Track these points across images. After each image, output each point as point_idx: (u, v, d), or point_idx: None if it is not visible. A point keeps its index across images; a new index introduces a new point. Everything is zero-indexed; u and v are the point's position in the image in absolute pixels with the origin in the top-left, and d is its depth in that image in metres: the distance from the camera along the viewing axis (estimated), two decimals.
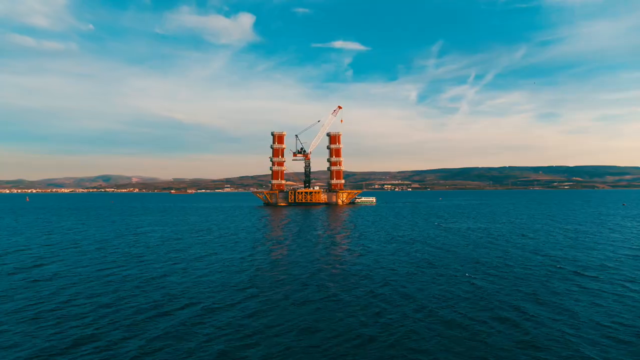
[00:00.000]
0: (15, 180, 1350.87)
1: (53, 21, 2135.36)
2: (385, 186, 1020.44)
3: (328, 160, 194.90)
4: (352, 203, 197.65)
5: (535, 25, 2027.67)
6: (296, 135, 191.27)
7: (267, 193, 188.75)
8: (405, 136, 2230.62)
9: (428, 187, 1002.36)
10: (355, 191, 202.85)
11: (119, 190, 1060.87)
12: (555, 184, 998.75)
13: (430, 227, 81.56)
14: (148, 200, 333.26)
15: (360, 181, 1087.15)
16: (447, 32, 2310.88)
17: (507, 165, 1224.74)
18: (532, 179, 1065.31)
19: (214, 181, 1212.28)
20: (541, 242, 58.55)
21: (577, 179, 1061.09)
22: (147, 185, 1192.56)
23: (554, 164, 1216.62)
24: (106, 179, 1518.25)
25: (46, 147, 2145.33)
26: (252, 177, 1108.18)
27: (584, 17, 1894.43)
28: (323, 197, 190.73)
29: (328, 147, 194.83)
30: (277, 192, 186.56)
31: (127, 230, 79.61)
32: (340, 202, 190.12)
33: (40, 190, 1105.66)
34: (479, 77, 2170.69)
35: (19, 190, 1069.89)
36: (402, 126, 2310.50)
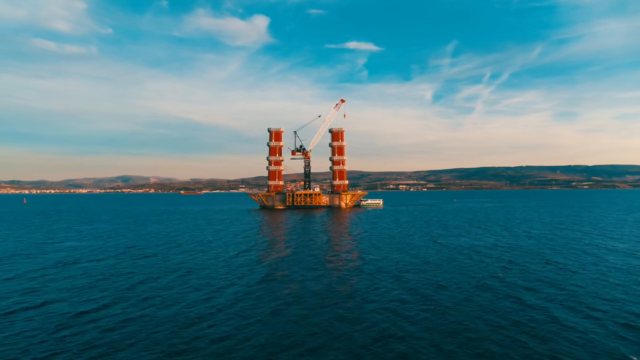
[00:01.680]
0: (37, 181, 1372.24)
1: (74, 26, 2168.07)
2: (401, 186, 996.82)
3: (330, 159, 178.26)
4: (357, 206, 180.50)
5: (551, 24, 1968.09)
6: (295, 132, 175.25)
7: (262, 195, 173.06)
8: (421, 136, 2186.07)
9: (444, 187, 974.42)
10: (360, 193, 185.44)
11: (135, 191, 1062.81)
12: (574, 183, 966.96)
13: (425, 244, 64.01)
14: (150, 201, 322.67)
15: (376, 181, 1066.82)
16: (462, 32, 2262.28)
17: (523, 165, 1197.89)
18: (549, 178, 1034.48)
19: (229, 181, 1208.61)
20: (584, 280, 40.43)
21: (597, 178, 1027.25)
22: (164, 185, 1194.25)
23: (572, 164, 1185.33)
24: (125, 179, 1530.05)
25: (67, 148, 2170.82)
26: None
27: (601, 14, 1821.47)
28: (324, 200, 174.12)
29: (330, 145, 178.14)
30: (274, 194, 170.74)
31: (36, 247, 64.49)
32: (343, 204, 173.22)
33: (58, 191, 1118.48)
34: (494, 77, 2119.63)
35: (38, 191, 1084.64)
36: (418, 126, 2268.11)
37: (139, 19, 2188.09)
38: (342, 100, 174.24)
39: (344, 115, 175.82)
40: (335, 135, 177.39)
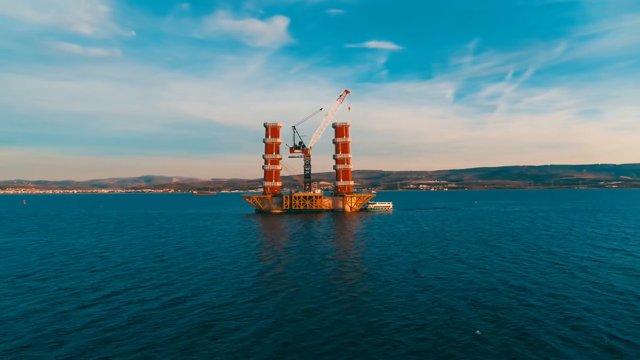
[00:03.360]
0: (63, 181, 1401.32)
1: (97, 29, 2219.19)
2: (421, 186, 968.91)
3: (334, 157, 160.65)
4: (364, 209, 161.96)
5: (576, 20, 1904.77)
6: (293, 127, 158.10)
7: (256, 198, 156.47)
8: (442, 135, 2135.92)
9: (465, 187, 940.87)
10: (367, 195, 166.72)
11: (155, 191, 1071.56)
12: (601, 183, 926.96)
13: (412, 279, 46.02)
14: (155, 203, 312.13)
15: (396, 181, 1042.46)
16: (484, 29, 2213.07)
17: (548, 164, 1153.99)
18: (575, 177, 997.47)
19: (249, 181, 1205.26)
20: None
21: (625, 177, 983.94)
22: (184, 185, 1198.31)
23: (599, 162, 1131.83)
24: (148, 179, 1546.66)
25: (93, 149, 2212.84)
26: (286, 177, 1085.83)
27: (627, 9, 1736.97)
28: (327, 203, 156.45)
29: (334, 141, 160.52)
30: (270, 196, 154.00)
31: None
32: (348, 208, 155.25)
33: (82, 191, 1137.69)
34: (516, 74, 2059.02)
35: (62, 191, 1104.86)
36: (438, 125, 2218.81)
37: (161, 22, 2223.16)
38: (347, 91, 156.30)
39: (349, 108, 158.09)
40: (339, 130, 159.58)
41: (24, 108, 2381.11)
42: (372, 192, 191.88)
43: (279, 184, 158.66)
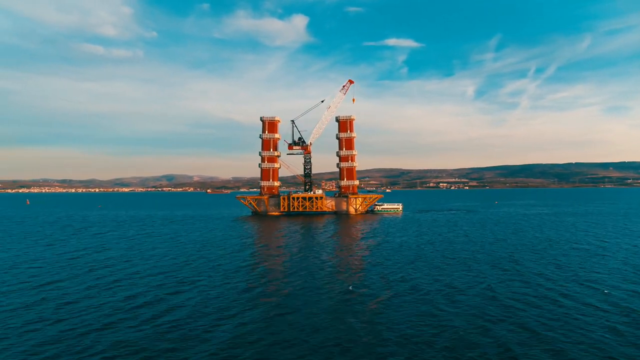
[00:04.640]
0: (87, 180, 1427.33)
1: (120, 30, 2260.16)
2: (441, 184, 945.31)
3: (337, 154, 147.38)
4: (372, 211, 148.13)
5: (601, 14, 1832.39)
6: (292, 121, 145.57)
7: (252, 199, 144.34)
8: (463, 133, 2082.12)
9: (487, 186, 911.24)
10: (374, 196, 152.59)
11: (174, 190, 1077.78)
12: (629, 181, 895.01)
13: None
14: (161, 203, 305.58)
15: (416, 179, 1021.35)
16: (506, 25, 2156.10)
17: (572, 162, 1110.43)
18: (601, 175, 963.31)
19: None
20: None
21: None
22: (205, 184, 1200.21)
23: (626, 160, 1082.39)
24: (169, 178, 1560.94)
25: (118, 148, 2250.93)
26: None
27: None
28: (329, 204, 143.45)
29: (337, 137, 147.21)
30: (267, 197, 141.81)
31: None
32: (352, 210, 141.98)
33: (103, 190, 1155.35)
34: (539, 71, 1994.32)
35: (84, 190, 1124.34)
36: (459, 122, 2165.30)
37: (182, 22, 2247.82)
38: (350, 82, 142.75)
39: (353, 100, 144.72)
40: (343, 124, 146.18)
41: (48, 108, 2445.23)
42: (388, 190, 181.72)
43: (277, 183, 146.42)
